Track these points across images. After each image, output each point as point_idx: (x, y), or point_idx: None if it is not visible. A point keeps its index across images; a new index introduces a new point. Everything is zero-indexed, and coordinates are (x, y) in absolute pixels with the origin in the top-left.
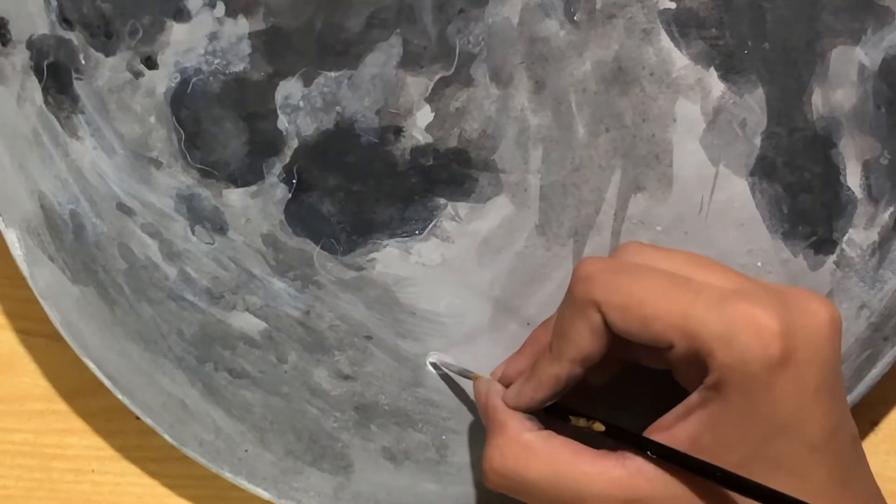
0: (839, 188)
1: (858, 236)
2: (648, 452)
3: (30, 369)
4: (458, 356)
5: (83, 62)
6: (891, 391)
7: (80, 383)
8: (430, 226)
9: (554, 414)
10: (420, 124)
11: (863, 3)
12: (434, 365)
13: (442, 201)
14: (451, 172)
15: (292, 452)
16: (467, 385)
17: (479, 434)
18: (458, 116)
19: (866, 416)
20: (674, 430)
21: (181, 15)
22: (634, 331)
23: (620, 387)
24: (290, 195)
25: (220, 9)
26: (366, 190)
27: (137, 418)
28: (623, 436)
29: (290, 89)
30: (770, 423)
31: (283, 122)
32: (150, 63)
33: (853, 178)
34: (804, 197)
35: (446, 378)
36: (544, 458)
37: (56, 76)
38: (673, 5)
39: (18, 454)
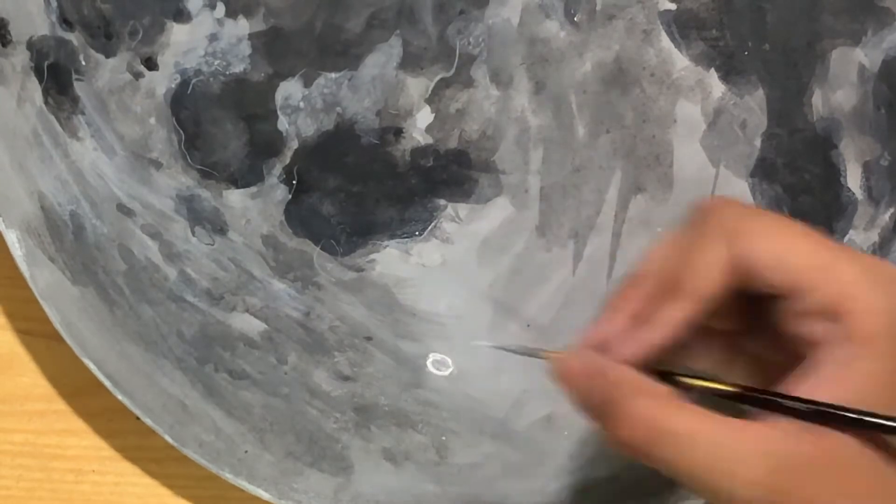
0: (839, 189)
1: (859, 237)
2: (805, 407)
3: (30, 369)
4: (459, 357)
5: (83, 63)
6: None
7: (81, 384)
8: (430, 227)
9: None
10: (420, 125)
11: (863, 5)
12: (500, 348)
13: (442, 202)
14: (452, 173)
15: (292, 453)
16: (467, 384)
17: (479, 435)
18: (458, 117)
19: None
20: (816, 390)
21: (181, 16)
22: (770, 266)
23: None
24: (290, 196)
25: (221, 10)
26: (366, 191)
27: (138, 419)
28: (766, 399)
29: (290, 90)
30: None
31: (283, 123)
32: (151, 64)
33: (853, 180)
34: (804, 198)
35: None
36: (689, 413)
37: (56, 77)
38: (673, 6)
39: (19, 454)
